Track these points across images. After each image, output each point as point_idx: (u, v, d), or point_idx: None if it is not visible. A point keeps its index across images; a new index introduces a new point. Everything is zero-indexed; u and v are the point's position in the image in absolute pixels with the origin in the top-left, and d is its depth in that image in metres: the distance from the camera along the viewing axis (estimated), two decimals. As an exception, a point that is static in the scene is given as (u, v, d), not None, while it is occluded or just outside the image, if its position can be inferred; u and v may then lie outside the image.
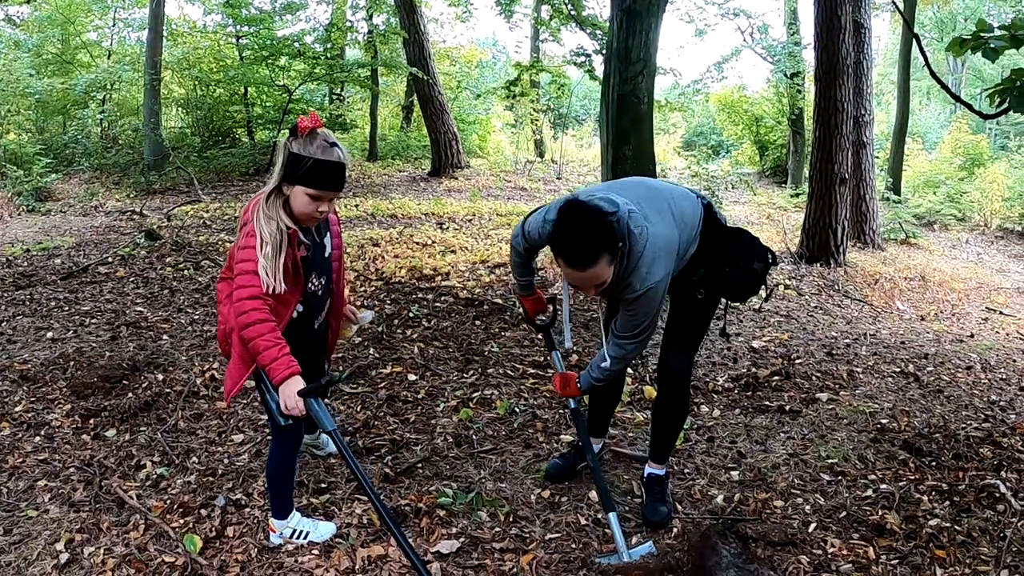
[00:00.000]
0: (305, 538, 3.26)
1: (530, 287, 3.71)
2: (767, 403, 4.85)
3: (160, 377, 4.99)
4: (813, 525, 3.44)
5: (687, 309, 3.48)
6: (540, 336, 4.16)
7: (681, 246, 3.18)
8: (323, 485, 3.72)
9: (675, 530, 3.43)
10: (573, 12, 11.31)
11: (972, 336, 7.22)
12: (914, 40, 7.28)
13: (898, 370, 5.61)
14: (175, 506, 3.50)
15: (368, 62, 17.50)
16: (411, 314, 6.53)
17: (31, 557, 3.13)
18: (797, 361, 5.69)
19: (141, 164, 15.39)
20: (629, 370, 5.33)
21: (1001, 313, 9.08)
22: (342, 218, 11.11)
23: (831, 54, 9.38)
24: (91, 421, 4.39)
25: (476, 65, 26.46)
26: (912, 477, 3.88)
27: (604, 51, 7.63)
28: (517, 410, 4.70)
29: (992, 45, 3.73)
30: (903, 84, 17.24)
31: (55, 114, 18.31)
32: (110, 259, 8.30)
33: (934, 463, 4.05)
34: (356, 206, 12.41)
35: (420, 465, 3.97)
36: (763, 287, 3.42)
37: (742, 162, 24.49)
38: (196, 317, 6.38)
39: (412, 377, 5.18)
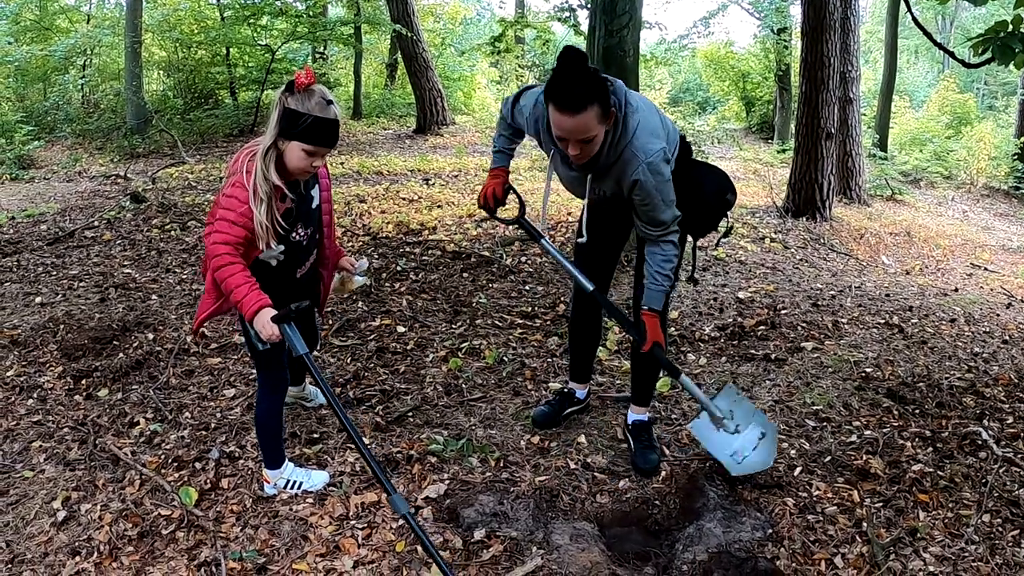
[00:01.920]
0: (299, 488, 3.31)
1: (501, 162, 3.54)
2: (753, 352, 4.89)
3: (150, 336, 5.00)
4: (799, 469, 3.51)
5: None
6: (518, 230, 4.05)
7: (666, 152, 3.12)
8: (315, 435, 3.76)
9: (663, 473, 3.49)
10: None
11: (956, 290, 7.29)
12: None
13: (883, 321, 5.67)
14: (170, 460, 3.54)
15: (351, 19, 17.30)
16: (399, 268, 6.56)
17: (29, 516, 3.16)
18: (783, 311, 5.73)
19: (124, 128, 15.24)
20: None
21: (985, 269, 9.17)
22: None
23: (818, 9, 9.35)
24: (83, 382, 4.40)
25: (460, 22, 26.24)
26: (896, 424, 3.94)
27: (589, 5, 7.57)
28: (505, 359, 4.74)
29: (977, -10, 3.74)
30: (891, 41, 17.21)
31: (35, 81, 18.05)
32: (96, 223, 8.25)
33: (918, 411, 4.11)
34: (342, 164, 12.36)
35: (410, 414, 4.02)
36: (725, 220, 3.39)
37: (728, 118, 24.48)
38: (184, 277, 6.38)
39: (401, 329, 5.21)
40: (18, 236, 7.90)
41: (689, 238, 3.45)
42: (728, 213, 3.37)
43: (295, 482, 3.33)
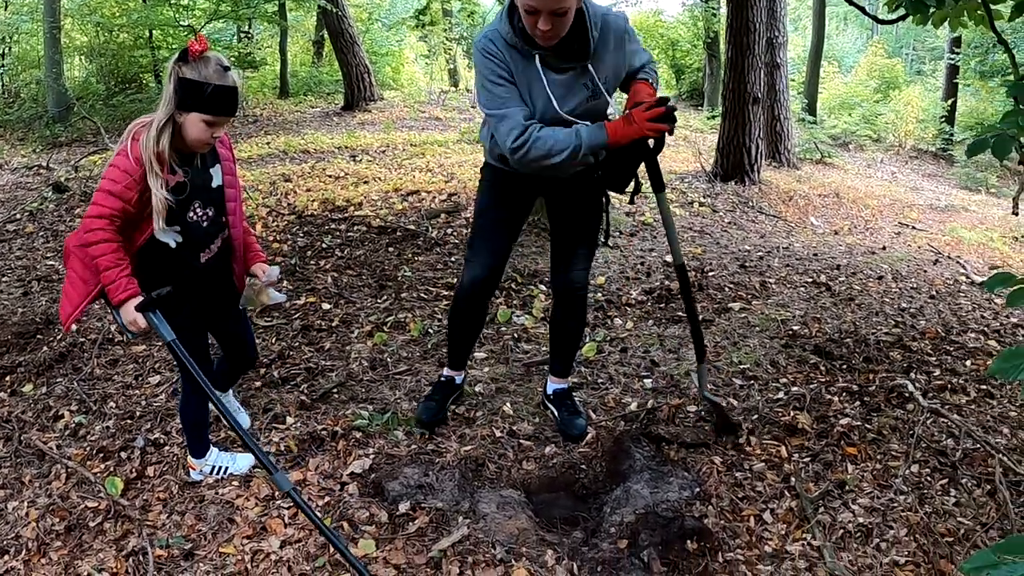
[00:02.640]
0: (225, 472, 3.27)
1: None
2: (680, 314, 4.91)
3: (74, 327, 4.85)
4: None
5: (584, 210, 3.34)
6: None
7: None
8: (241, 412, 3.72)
9: (588, 436, 3.51)
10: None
11: (884, 248, 7.44)
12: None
13: (810, 280, 5.76)
14: (95, 452, 3.48)
15: (275, -4, 17.01)
16: (324, 245, 6.48)
17: (-45, 517, 3.09)
18: (710, 274, 5.80)
19: (45, 117, 14.82)
20: (542, 286, 5.39)
21: (913, 228, 9.37)
22: (254, 156, 10.98)
23: (742, -26, 9.41)
24: (7, 379, 4.30)
25: (387, -4, 25.93)
26: (823, 380, 4.01)
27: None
28: (431, 331, 4.72)
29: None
30: (818, 8, 17.49)
31: (-48, 72, 17.51)
32: (18, 216, 8.03)
33: (845, 366, 4.18)
34: (268, 144, 12.16)
35: (335, 390, 3.99)
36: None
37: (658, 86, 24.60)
38: (109, 266, 6.25)
39: (326, 306, 5.17)
40: (-63, 234, 7.66)
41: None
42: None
43: (221, 467, 3.28)
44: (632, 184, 3.20)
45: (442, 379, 3.74)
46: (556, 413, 3.67)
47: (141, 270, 2.83)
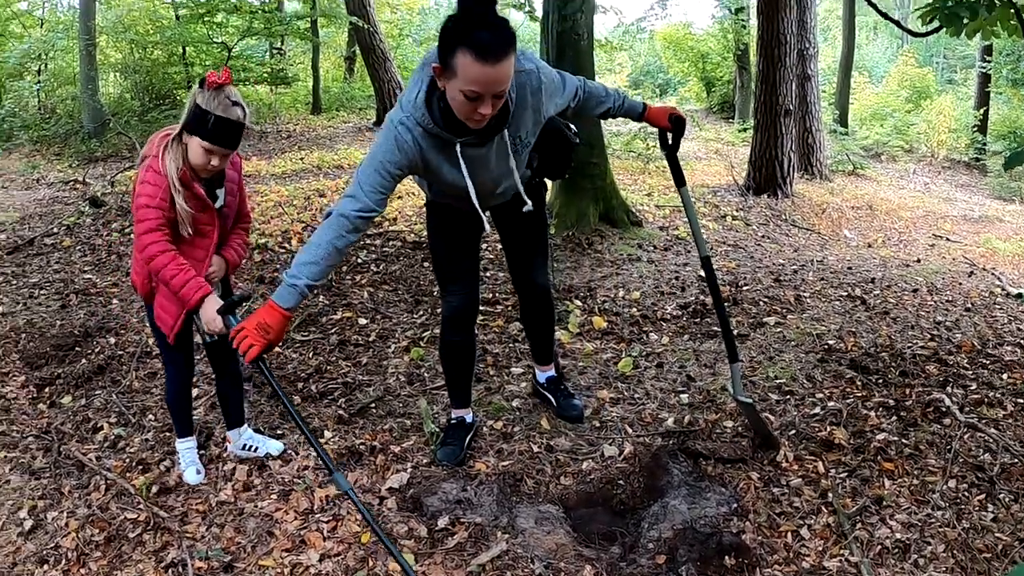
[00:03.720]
0: (254, 451, 3.52)
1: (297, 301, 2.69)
2: (715, 328, 4.88)
3: (112, 341, 4.97)
4: (762, 443, 3.53)
5: (529, 215, 3.22)
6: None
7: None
8: (278, 432, 3.76)
9: (626, 452, 3.50)
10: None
11: (919, 261, 7.37)
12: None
13: (845, 294, 5.72)
14: (134, 464, 3.52)
15: (307, 13, 17.18)
16: (359, 260, 6.53)
17: (-5, 527, 3.13)
18: (744, 288, 5.77)
19: (81, 133, 15.05)
20: (577, 301, 5.41)
21: (948, 240, 9.29)
22: (288, 172, 11.08)
23: (773, -13, 9.40)
24: (46, 390, 4.36)
25: (418, 12, 26.15)
26: (859, 395, 3.97)
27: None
28: (467, 346, 4.74)
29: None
30: (849, 18, 17.41)
31: (-10, 88, 17.84)
32: (55, 230, 8.16)
33: (881, 381, 4.14)
34: (301, 159, 12.28)
35: (373, 405, 4.02)
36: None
37: (689, 99, 24.55)
38: (145, 280, 6.33)
39: (363, 321, 5.20)
40: (-23, 247, 7.80)
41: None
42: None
43: (253, 446, 3.54)
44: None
45: (452, 421, 3.64)
46: (553, 399, 3.82)
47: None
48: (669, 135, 3.34)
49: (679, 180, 3.39)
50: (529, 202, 3.06)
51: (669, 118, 3.29)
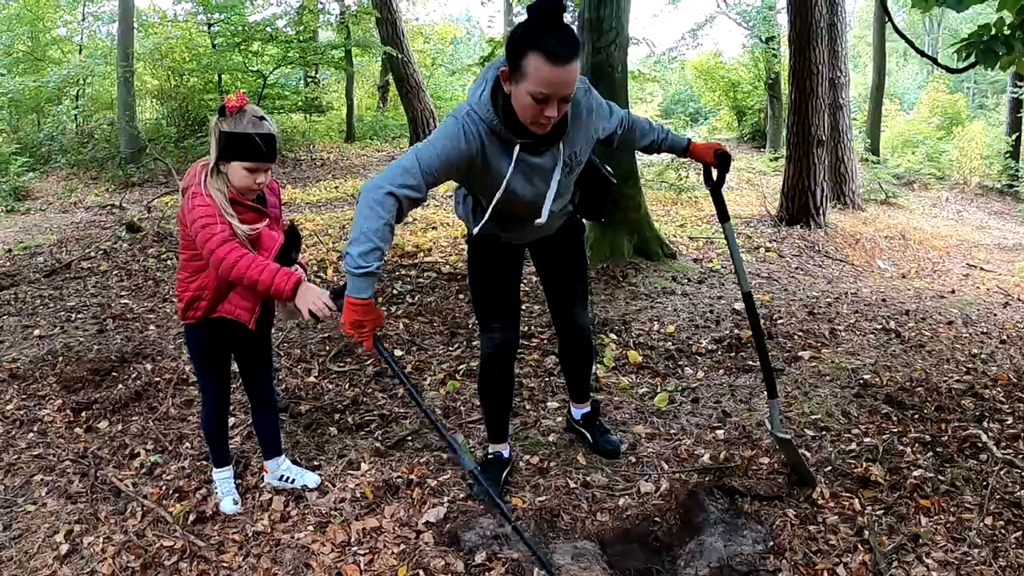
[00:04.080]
0: (291, 483, 3.53)
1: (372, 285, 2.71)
2: (751, 363, 4.88)
3: (149, 367, 5.02)
4: (799, 479, 3.50)
5: (568, 250, 3.45)
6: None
7: None
8: (315, 463, 3.77)
9: (662, 488, 3.48)
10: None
11: (953, 292, 7.29)
12: (879, 2, 7.31)
13: (879, 327, 5.67)
14: (171, 491, 3.55)
15: (341, 43, 17.44)
16: (395, 291, 6.57)
17: (32, 551, 3.16)
18: (779, 321, 5.74)
19: (118, 158, 15.32)
20: (612, 335, 5.40)
21: (982, 269, 9.18)
22: (323, 200, 11.19)
23: (804, 17, 9.42)
24: (83, 414, 4.41)
25: (450, 41, 26.40)
26: (895, 430, 3.94)
27: (576, 22, 7.64)
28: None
29: (958, -3, 3.78)
30: (879, 45, 17.34)
31: (29, 112, 18.20)
32: (92, 254, 8.27)
33: (917, 416, 4.10)
34: (336, 187, 12.40)
35: (410, 438, 4.03)
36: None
37: (720, 128, 24.55)
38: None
39: (399, 353, 5.23)
40: (15, 268, 7.93)
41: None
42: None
43: (289, 477, 3.55)
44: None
45: (489, 455, 3.65)
46: (589, 436, 3.81)
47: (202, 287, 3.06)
48: (714, 171, 3.37)
49: (723, 215, 3.42)
50: (571, 207, 3.24)
51: (715, 154, 3.31)
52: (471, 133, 2.76)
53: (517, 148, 2.83)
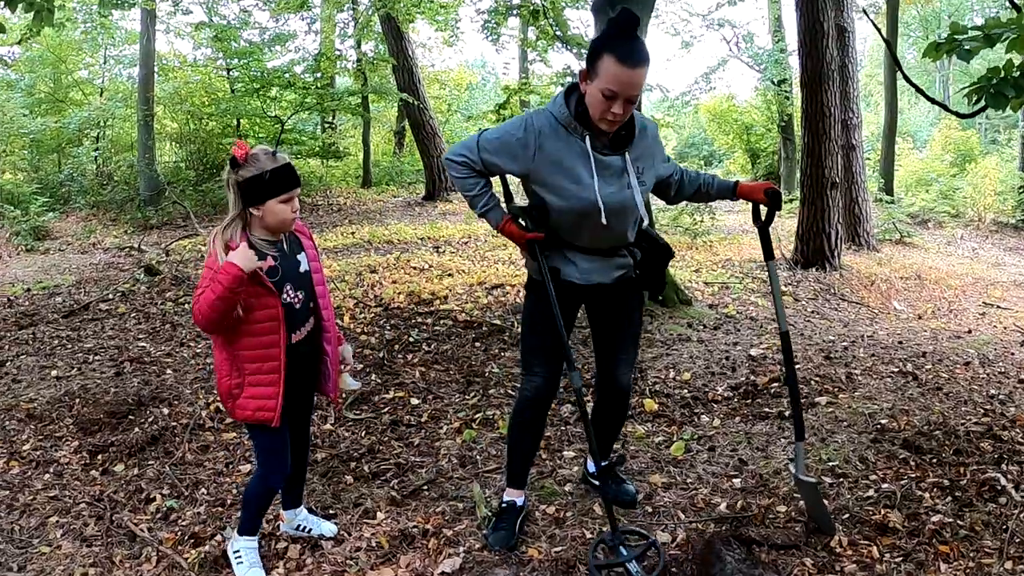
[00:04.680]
0: (308, 532, 3.51)
1: (499, 212, 3.29)
2: (767, 410, 4.88)
3: (165, 411, 5.04)
4: (816, 527, 3.48)
5: (625, 314, 3.51)
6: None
7: None
8: (331, 511, 3.76)
9: (679, 538, 3.46)
10: (559, 32, 11.40)
11: (970, 332, 7.26)
12: (887, 46, 7.36)
13: (896, 370, 5.65)
14: (186, 537, 3.55)
15: (358, 90, 17.63)
16: (411, 339, 6.58)
17: (46, 593, 3.17)
18: (796, 366, 5.70)
19: (137, 200, 15.49)
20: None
21: (998, 307, 9.13)
22: (339, 247, 11.25)
23: (815, 60, 9.48)
24: (99, 457, 4.44)
25: (466, 88, 26.65)
26: (913, 475, 3.91)
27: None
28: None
29: (967, 47, 3.80)
30: (890, 84, 17.37)
31: (50, 153, 18.46)
32: (110, 296, 8.35)
33: (935, 460, 4.07)
34: (352, 233, 12.46)
35: (426, 487, 4.01)
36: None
37: (734, 171, 24.60)
38: (199, 351, 6.43)
39: (415, 401, 5.23)
40: (34, 308, 8.01)
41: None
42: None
43: (306, 527, 3.53)
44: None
45: (503, 504, 3.61)
46: (606, 487, 3.72)
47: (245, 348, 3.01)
48: (763, 209, 3.43)
49: (768, 254, 3.53)
50: (646, 219, 3.41)
51: (765, 192, 3.37)
52: (531, 124, 3.13)
53: (588, 139, 3.10)
